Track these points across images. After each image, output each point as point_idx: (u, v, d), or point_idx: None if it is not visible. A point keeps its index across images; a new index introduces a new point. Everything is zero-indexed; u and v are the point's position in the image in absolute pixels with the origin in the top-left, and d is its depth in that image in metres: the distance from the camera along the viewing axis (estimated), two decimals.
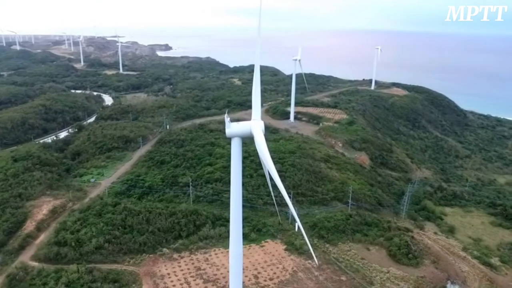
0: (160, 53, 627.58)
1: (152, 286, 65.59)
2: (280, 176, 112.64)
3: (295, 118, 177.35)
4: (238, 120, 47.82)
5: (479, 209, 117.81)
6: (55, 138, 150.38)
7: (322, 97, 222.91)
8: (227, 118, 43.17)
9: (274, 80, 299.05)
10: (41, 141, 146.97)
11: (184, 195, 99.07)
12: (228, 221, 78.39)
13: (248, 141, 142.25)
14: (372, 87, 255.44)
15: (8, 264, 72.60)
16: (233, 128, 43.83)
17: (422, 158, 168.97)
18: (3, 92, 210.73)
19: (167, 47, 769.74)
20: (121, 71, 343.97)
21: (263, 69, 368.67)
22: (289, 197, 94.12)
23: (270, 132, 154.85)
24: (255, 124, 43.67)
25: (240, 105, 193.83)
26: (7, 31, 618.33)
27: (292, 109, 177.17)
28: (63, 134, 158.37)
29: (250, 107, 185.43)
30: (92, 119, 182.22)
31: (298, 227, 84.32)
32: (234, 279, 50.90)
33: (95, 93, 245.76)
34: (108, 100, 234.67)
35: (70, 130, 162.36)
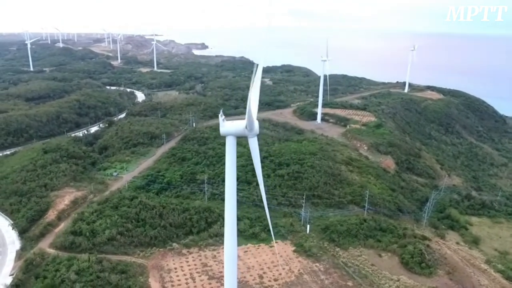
0: (196, 52, 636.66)
1: (158, 279, 66.80)
2: (298, 177, 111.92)
3: (323, 119, 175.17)
4: (264, 120, 47.59)
5: (509, 220, 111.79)
6: (86, 132, 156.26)
7: (352, 98, 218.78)
8: (221, 117, 43.15)
9: (305, 81, 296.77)
10: (73, 134, 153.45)
11: (200, 192, 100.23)
12: (239, 219, 78.61)
13: (270, 141, 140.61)
14: (406, 90, 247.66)
15: (27, 250, 76.39)
16: (226, 126, 43.85)
17: (454, 164, 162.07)
18: (43, 87, 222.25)
19: (203, 46, 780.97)
20: (155, 68, 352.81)
21: (296, 70, 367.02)
22: (304, 198, 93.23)
23: (295, 133, 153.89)
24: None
25: (269, 105, 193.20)
26: (52, 29, 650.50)
27: (319, 110, 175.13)
28: (94, 129, 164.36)
29: (278, 107, 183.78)
30: (122, 115, 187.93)
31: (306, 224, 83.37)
32: (229, 277, 50.88)
33: (128, 90, 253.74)
34: (140, 96, 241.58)
35: (100, 125, 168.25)
